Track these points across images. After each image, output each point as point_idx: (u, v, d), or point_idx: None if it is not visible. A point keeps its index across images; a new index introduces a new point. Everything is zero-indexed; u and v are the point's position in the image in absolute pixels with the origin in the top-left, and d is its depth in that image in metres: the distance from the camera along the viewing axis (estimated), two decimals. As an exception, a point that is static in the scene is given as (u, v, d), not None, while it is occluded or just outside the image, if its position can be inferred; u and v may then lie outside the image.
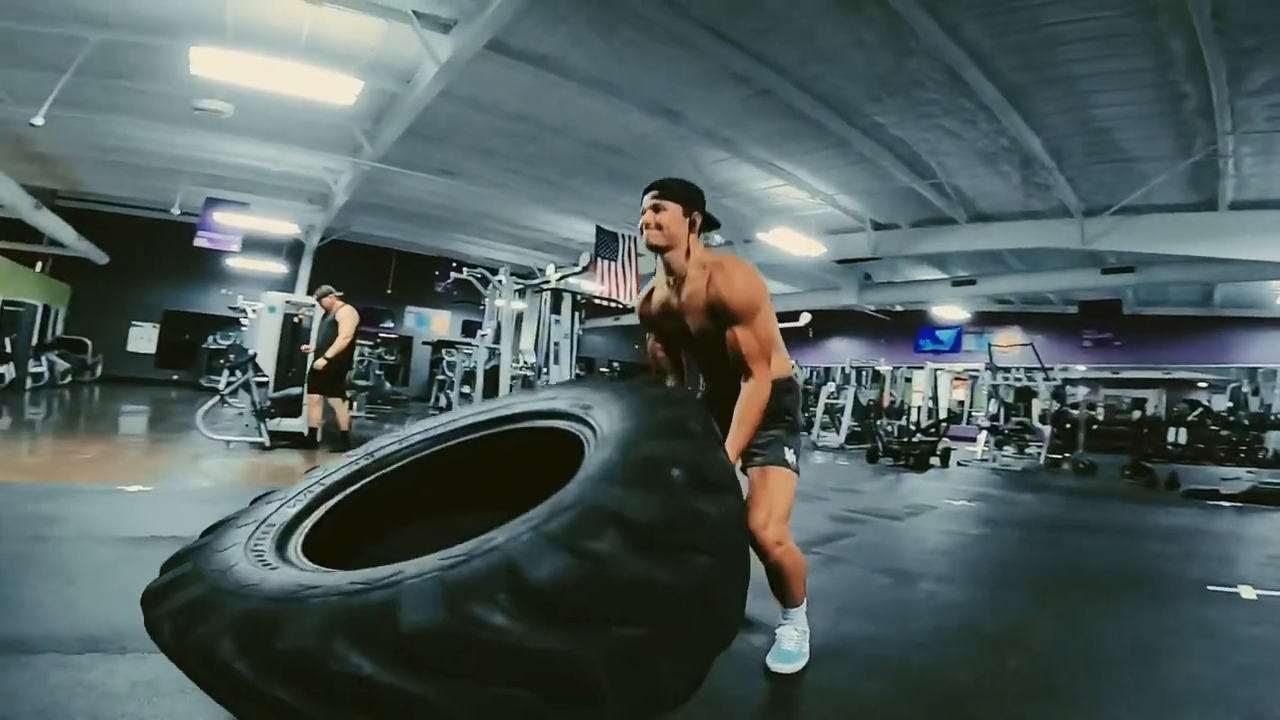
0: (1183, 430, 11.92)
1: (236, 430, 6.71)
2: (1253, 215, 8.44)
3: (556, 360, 8.17)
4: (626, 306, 11.44)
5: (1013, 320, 17.04)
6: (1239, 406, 13.22)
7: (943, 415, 12.72)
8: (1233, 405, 13.52)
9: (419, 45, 6.35)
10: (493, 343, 8.51)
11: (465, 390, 9.10)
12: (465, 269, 9.60)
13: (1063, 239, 9.81)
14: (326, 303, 6.60)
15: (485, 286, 9.20)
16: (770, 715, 1.94)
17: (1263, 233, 8.36)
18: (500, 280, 8.70)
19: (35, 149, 10.87)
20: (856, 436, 12.48)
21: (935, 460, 9.82)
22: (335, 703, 0.99)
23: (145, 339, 16.45)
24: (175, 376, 16.08)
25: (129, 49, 7.11)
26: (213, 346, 15.62)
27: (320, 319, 6.92)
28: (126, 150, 10.85)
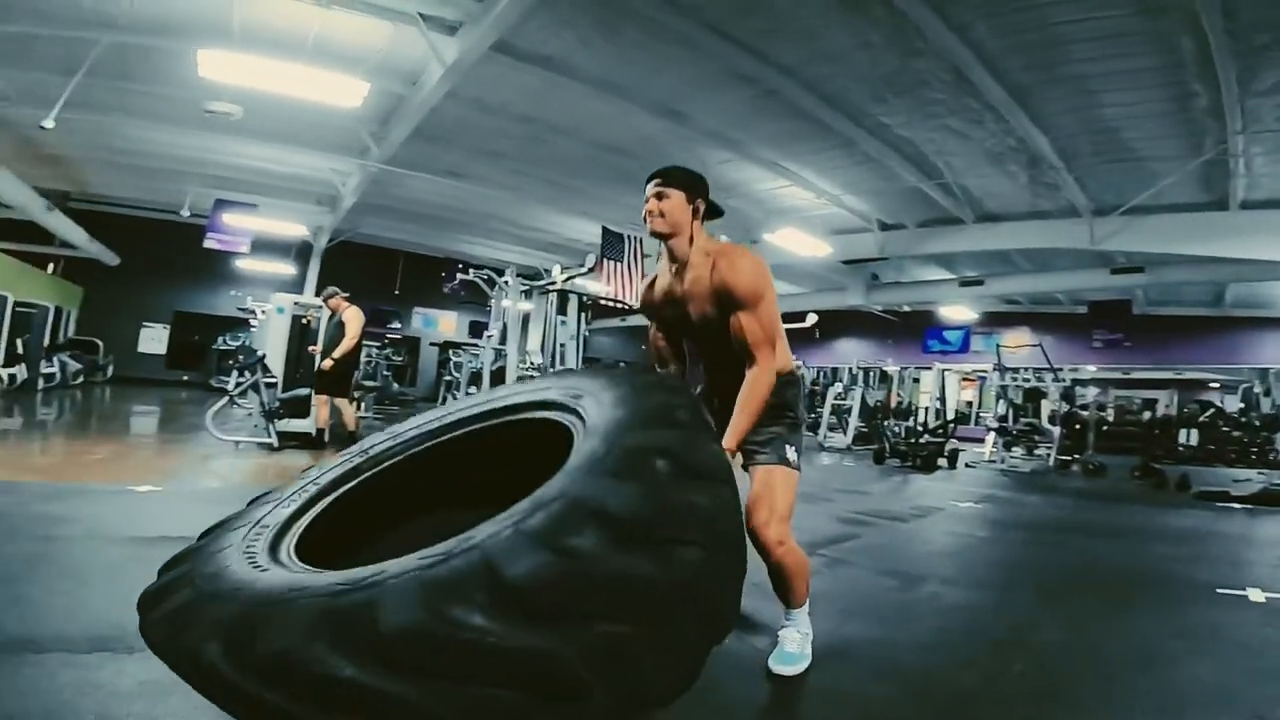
0: (1194, 431, 11.82)
1: (245, 431, 6.76)
2: (1264, 215, 8.37)
3: (562, 361, 8.20)
4: (633, 308, 11.44)
5: (1021, 320, 16.91)
6: (1250, 407, 13.10)
7: (950, 416, 12.66)
8: (1244, 406, 13.40)
9: (425, 47, 6.38)
10: (499, 344, 8.55)
11: (472, 391, 9.12)
12: (472, 270, 9.64)
13: (1072, 239, 9.76)
14: (333, 304, 6.63)
15: (491, 288, 9.23)
16: (772, 717, 1.94)
17: (1274, 233, 8.28)
18: (506, 281, 8.72)
19: (47, 151, 10.98)
20: (863, 437, 12.43)
21: (943, 461, 9.77)
22: (318, 704, 0.99)
23: (156, 340, 16.57)
24: (185, 377, 16.20)
25: (137, 51, 7.18)
26: (222, 347, 15.69)
27: (327, 320, 6.96)
28: (136, 152, 10.94)
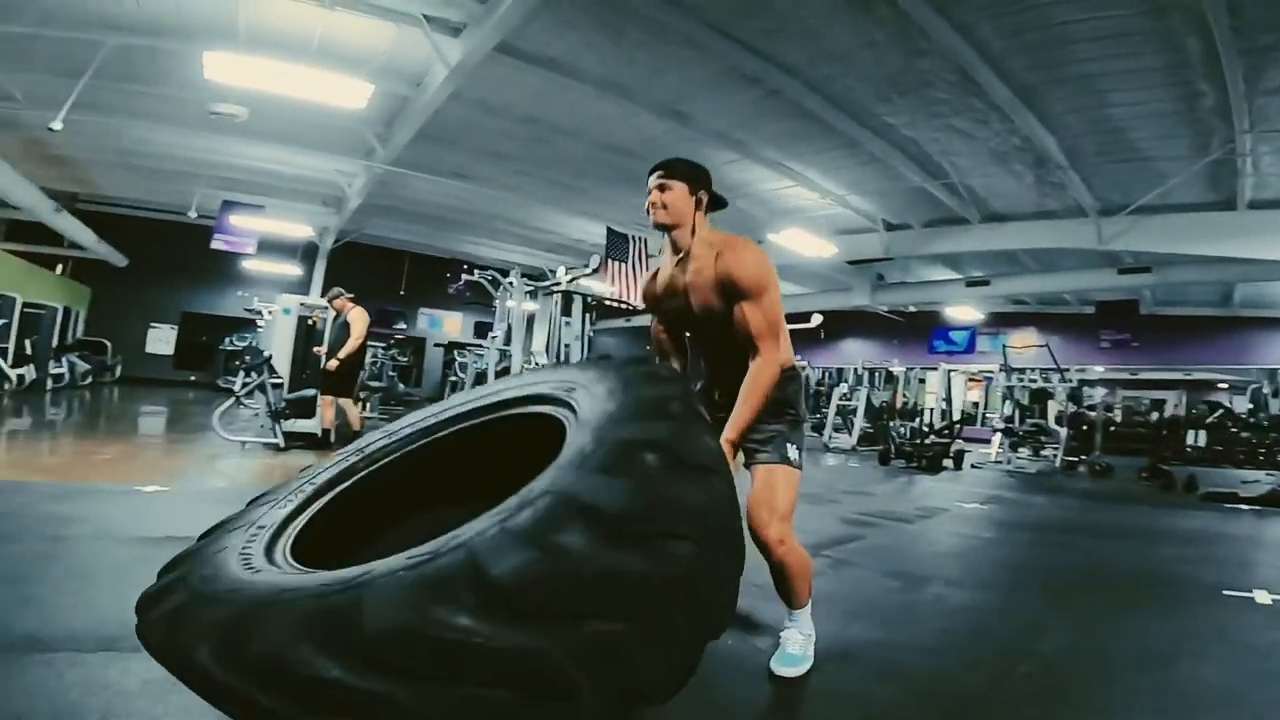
0: (1202, 432, 11.74)
1: (252, 431, 6.80)
2: (1272, 214, 8.32)
3: (568, 361, 8.20)
4: (637, 308, 11.44)
5: (1028, 321, 16.84)
6: (1259, 408, 13.00)
7: (956, 417, 12.61)
8: (1253, 407, 13.30)
9: (429, 49, 6.39)
10: (504, 344, 8.55)
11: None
12: (477, 271, 9.66)
13: (1078, 239, 9.71)
14: (337, 304, 6.65)
15: (496, 288, 9.24)
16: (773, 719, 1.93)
17: (1283, 232, 8.24)
18: (511, 282, 8.73)
19: (55, 152, 11.05)
20: (869, 438, 12.39)
21: (948, 462, 9.74)
22: (306, 706, 0.98)
23: (163, 340, 16.69)
24: (193, 377, 16.30)
25: (143, 54, 7.21)
26: (229, 348, 15.80)
27: (332, 321, 6.99)
28: (143, 154, 11.01)
